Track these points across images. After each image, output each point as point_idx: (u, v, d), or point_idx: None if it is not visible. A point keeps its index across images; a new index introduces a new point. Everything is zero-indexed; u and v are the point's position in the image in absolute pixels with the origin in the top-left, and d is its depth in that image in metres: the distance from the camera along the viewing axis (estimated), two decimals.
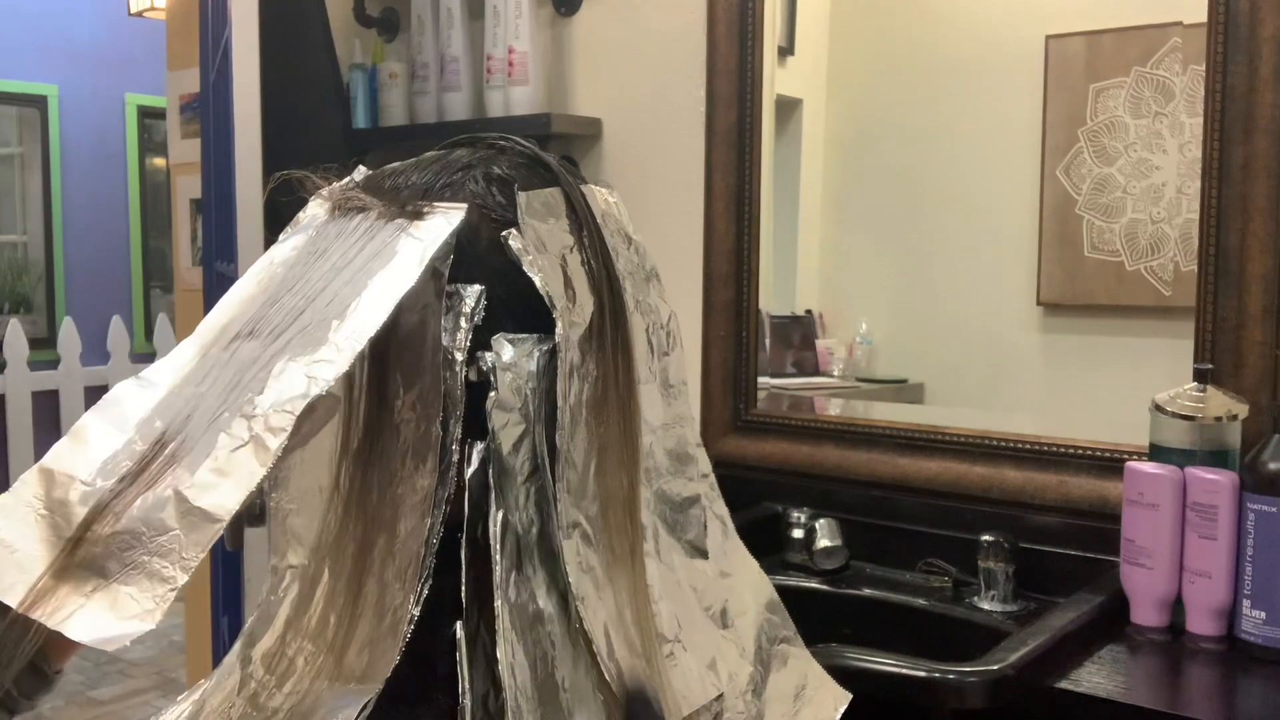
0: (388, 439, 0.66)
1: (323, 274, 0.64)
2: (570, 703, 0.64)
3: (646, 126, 2.06)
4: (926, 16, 1.99)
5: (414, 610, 0.63)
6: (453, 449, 0.64)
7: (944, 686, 1.20)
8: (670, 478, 0.73)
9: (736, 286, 1.93)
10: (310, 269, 0.65)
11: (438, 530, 0.64)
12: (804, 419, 1.94)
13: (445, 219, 0.66)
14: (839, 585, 1.69)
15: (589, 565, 0.66)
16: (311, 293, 0.64)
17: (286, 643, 0.67)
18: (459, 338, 0.65)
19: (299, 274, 0.66)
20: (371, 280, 0.62)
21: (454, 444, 0.64)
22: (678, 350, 0.76)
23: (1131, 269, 1.72)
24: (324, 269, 0.65)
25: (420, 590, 0.63)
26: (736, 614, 0.76)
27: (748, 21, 1.90)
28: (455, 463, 0.64)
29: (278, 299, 0.64)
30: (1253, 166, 1.46)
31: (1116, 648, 1.37)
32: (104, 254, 5.43)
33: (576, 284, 0.68)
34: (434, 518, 0.64)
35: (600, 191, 0.73)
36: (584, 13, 2.13)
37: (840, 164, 2.11)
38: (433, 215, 0.66)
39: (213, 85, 2.34)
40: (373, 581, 0.65)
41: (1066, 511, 1.59)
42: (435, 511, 0.64)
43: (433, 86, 2.27)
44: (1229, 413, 1.42)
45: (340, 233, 0.67)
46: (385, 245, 0.64)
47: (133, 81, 5.35)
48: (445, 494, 0.64)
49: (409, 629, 0.63)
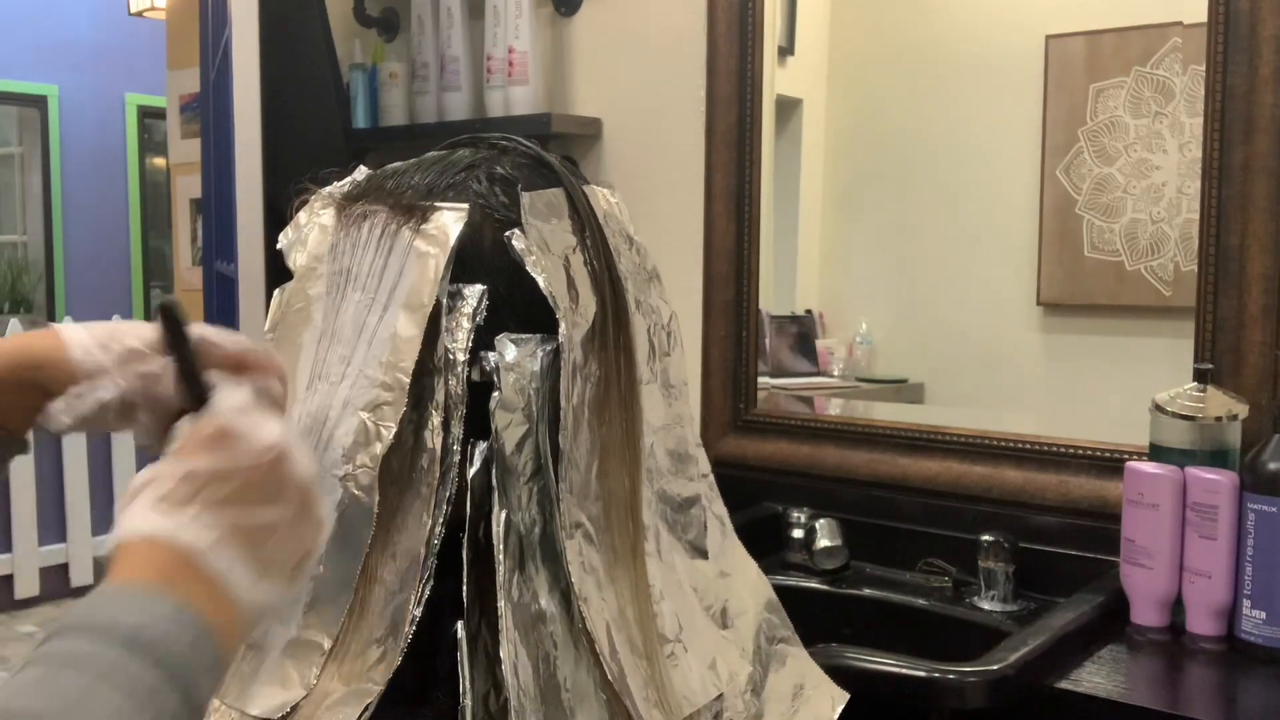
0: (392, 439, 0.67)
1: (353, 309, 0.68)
2: (572, 702, 0.64)
3: (646, 126, 2.06)
4: (926, 16, 1.99)
5: (416, 611, 0.63)
6: (454, 449, 0.65)
7: (944, 686, 1.20)
8: (671, 478, 0.74)
9: (736, 286, 1.93)
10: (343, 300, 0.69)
11: (440, 531, 0.64)
12: (804, 419, 1.94)
13: (452, 217, 0.66)
14: (839, 585, 1.69)
15: (591, 565, 0.66)
16: (349, 336, 0.68)
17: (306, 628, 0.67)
18: (460, 338, 0.65)
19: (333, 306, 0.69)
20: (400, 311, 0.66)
21: (455, 444, 0.65)
22: (678, 351, 0.76)
23: (1131, 269, 1.73)
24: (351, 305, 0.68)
25: (421, 591, 0.63)
26: (736, 614, 0.76)
27: (748, 21, 1.90)
28: (457, 463, 0.65)
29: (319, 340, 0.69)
30: (1253, 166, 1.46)
31: (1116, 648, 1.37)
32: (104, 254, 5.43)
33: (579, 284, 0.68)
34: (436, 518, 0.64)
35: (602, 192, 0.73)
36: (584, 13, 2.13)
37: (840, 164, 2.11)
38: (437, 215, 0.66)
39: (213, 85, 2.35)
40: (375, 582, 0.65)
41: (1066, 511, 1.59)
42: (437, 512, 0.64)
43: (433, 86, 2.27)
44: (1229, 413, 1.42)
45: (355, 245, 0.68)
46: (402, 264, 0.66)
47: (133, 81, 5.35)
48: (447, 494, 0.64)
49: (411, 629, 0.63)
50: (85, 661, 0.48)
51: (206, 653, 0.52)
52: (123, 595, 0.52)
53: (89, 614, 0.51)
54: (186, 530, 0.54)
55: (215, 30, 2.30)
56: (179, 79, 2.84)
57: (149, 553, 0.53)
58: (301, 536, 0.58)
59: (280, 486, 0.57)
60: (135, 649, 0.49)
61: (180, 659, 0.50)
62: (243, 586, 0.54)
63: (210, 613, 0.53)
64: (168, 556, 0.53)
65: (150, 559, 0.53)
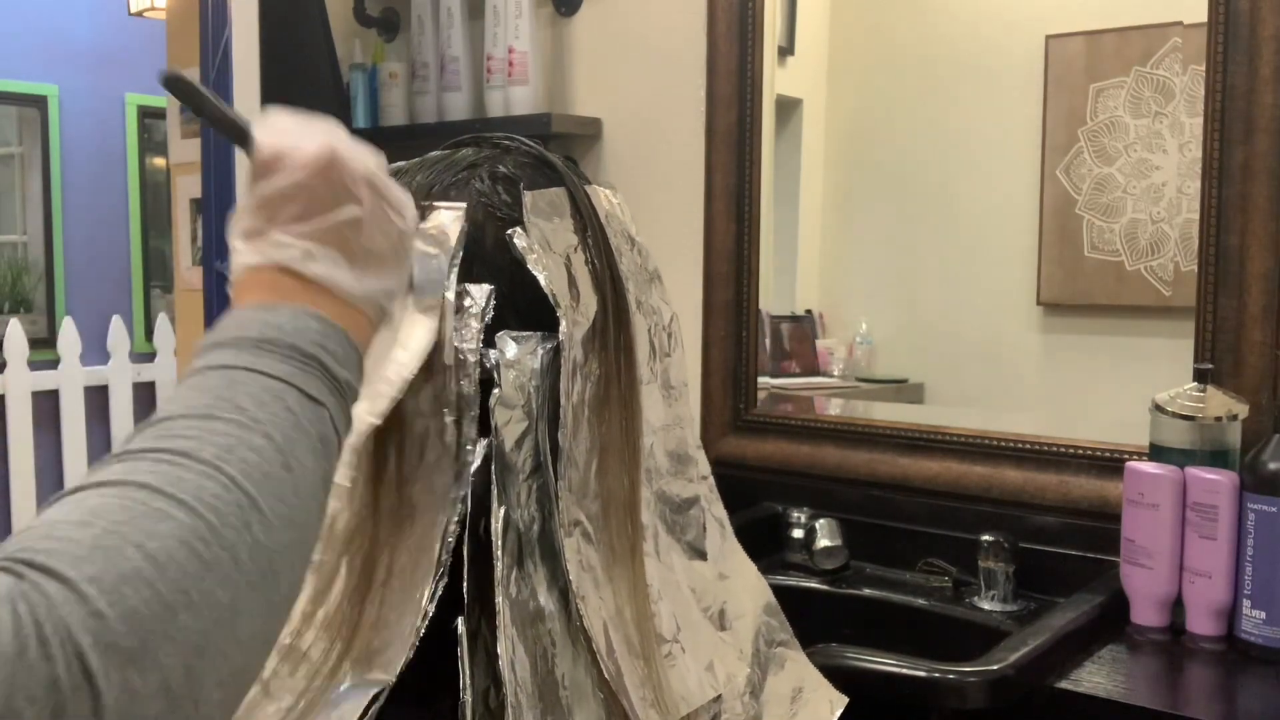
0: (404, 437, 0.67)
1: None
2: (570, 700, 0.64)
3: (646, 126, 2.06)
4: (927, 16, 1.99)
5: (429, 607, 0.63)
6: (467, 448, 0.65)
7: (944, 686, 1.20)
8: (670, 478, 0.74)
9: (736, 286, 1.93)
10: None
11: (454, 529, 0.64)
12: (804, 419, 1.94)
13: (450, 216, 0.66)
14: (839, 585, 1.69)
15: (589, 563, 0.66)
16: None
17: (301, 635, 0.67)
18: (471, 338, 0.65)
19: None
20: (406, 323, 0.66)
21: (468, 443, 0.65)
22: (679, 352, 0.76)
23: (1131, 269, 1.73)
24: None
25: (435, 587, 0.63)
26: (735, 616, 0.76)
27: (748, 21, 1.90)
28: (469, 462, 0.65)
29: None
30: (1253, 166, 1.46)
31: (1116, 648, 1.37)
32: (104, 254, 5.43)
33: (580, 283, 0.68)
34: (450, 516, 0.64)
35: (604, 192, 0.73)
36: (584, 13, 2.13)
37: (840, 164, 2.11)
38: (436, 214, 0.67)
39: (213, 85, 2.34)
40: (389, 577, 0.66)
41: (1066, 511, 1.59)
42: (451, 510, 0.64)
43: (433, 86, 2.27)
44: (1229, 413, 1.42)
45: None
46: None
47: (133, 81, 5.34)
48: (462, 493, 0.65)
49: (423, 624, 0.63)
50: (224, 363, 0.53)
51: (336, 339, 0.56)
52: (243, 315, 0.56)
53: (218, 335, 0.55)
54: (276, 251, 0.58)
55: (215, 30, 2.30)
56: None
57: (256, 280, 0.58)
58: (386, 220, 0.61)
59: (344, 185, 0.59)
60: (265, 346, 0.54)
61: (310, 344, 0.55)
62: (349, 282, 0.59)
63: (330, 312, 0.57)
64: (272, 279, 0.57)
65: (258, 285, 0.58)
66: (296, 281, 0.57)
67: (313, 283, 0.58)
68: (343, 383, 0.56)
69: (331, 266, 0.58)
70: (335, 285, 0.58)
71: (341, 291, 0.58)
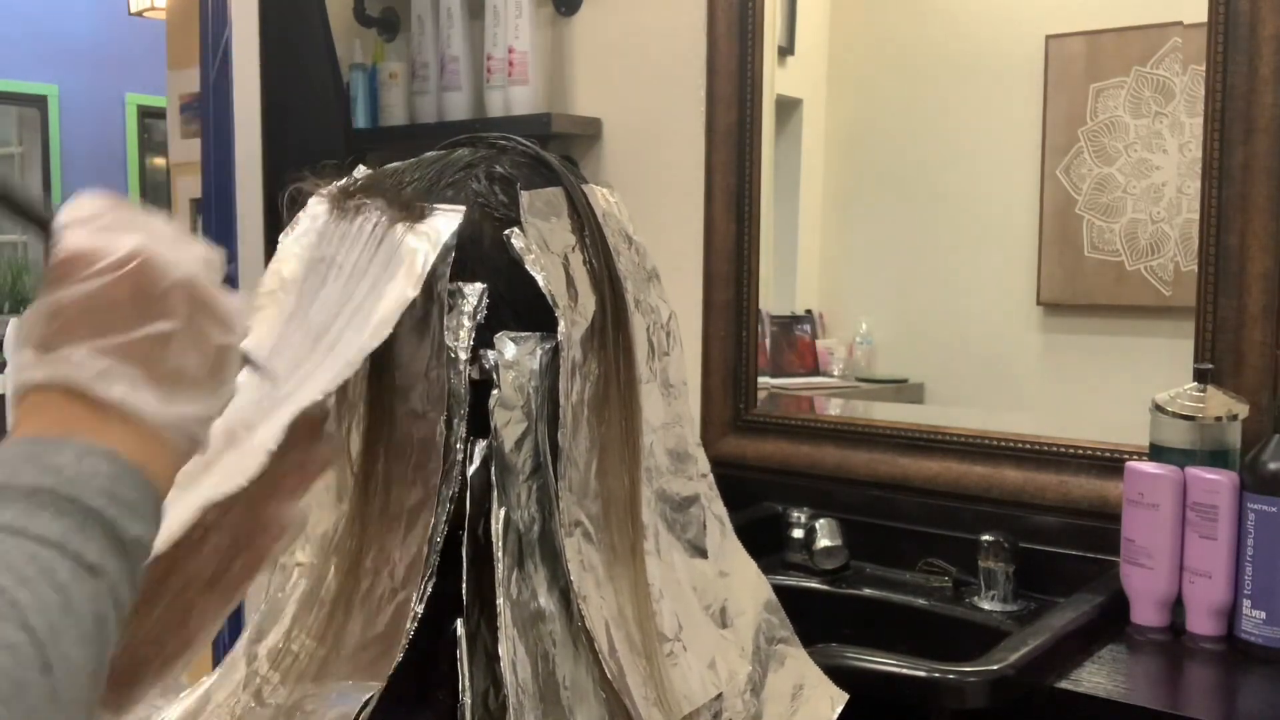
0: (393, 437, 0.67)
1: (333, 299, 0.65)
2: (571, 701, 0.64)
3: (646, 126, 2.06)
4: (926, 16, 1.99)
5: (418, 608, 0.63)
6: (457, 447, 0.65)
7: (944, 686, 1.20)
8: (670, 477, 0.74)
9: (736, 286, 1.93)
10: (323, 287, 0.66)
11: (442, 529, 0.64)
12: (804, 419, 1.94)
13: (446, 220, 0.66)
14: (839, 585, 1.69)
15: (590, 563, 0.66)
16: (318, 330, 0.64)
17: (292, 639, 0.67)
18: (462, 336, 0.65)
19: (310, 290, 0.66)
20: (378, 305, 0.62)
21: (458, 442, 0.65)
22: (678, 350, 0.76)
23: (1131, 269, 1.73)
24: (333, 293, 0.65)
25: (424, 588, 0.63)
26: (735, 614, 0.76)
27: (748, 21, 1.90)
28: (459, 461, 0.65)
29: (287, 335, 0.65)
30: (1253, 166, 1.46)
31: (1116, 648, 1.37)
32: None
33: (578, 283, 0.68)
34: (438, 516, 0.64)
35: (601, 191, 0.73)
36: (584, 13, 2.13)
37: (840, 164, 2.11)
38: (433, 216, 0.66)
39: (213, 85, 2.34)
40: (379, 579, 0.66)
41: (1066, 511, 1.59)
42: (440, 510, 0.64)
43: (433, 86, 2.27)
44: (1229, 413, 1.42)
45: (344, 236, 0.67)
46: (390, 257, 0.64)
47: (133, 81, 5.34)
48: (450, 492, 0.64)
49: (413, 627, 0.63)
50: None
51: (129, 483, 0.48)
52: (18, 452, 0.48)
53: None
54: (67, 369, 0.49)
55: (215, 30, 2.30)
56: (179, 79, 2.84)
57: (41, 403, 0.50)
58: (204, 337, 0.53)
59: (155, 295, 0.51)
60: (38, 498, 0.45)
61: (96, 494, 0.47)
62: (152, 407, 0.50)
63: (127, 444, 0.49)
64: (59, 403, 0.49)
65: (42, 410, 0.49)
66: (88, 408, 0.49)
67: (109, 408, 0.49)
68: (129, 542, 0.47)
69: (131, 389, 0.50)
70: (135, 412, 0.50)
71: (142, 419, 0.50)
